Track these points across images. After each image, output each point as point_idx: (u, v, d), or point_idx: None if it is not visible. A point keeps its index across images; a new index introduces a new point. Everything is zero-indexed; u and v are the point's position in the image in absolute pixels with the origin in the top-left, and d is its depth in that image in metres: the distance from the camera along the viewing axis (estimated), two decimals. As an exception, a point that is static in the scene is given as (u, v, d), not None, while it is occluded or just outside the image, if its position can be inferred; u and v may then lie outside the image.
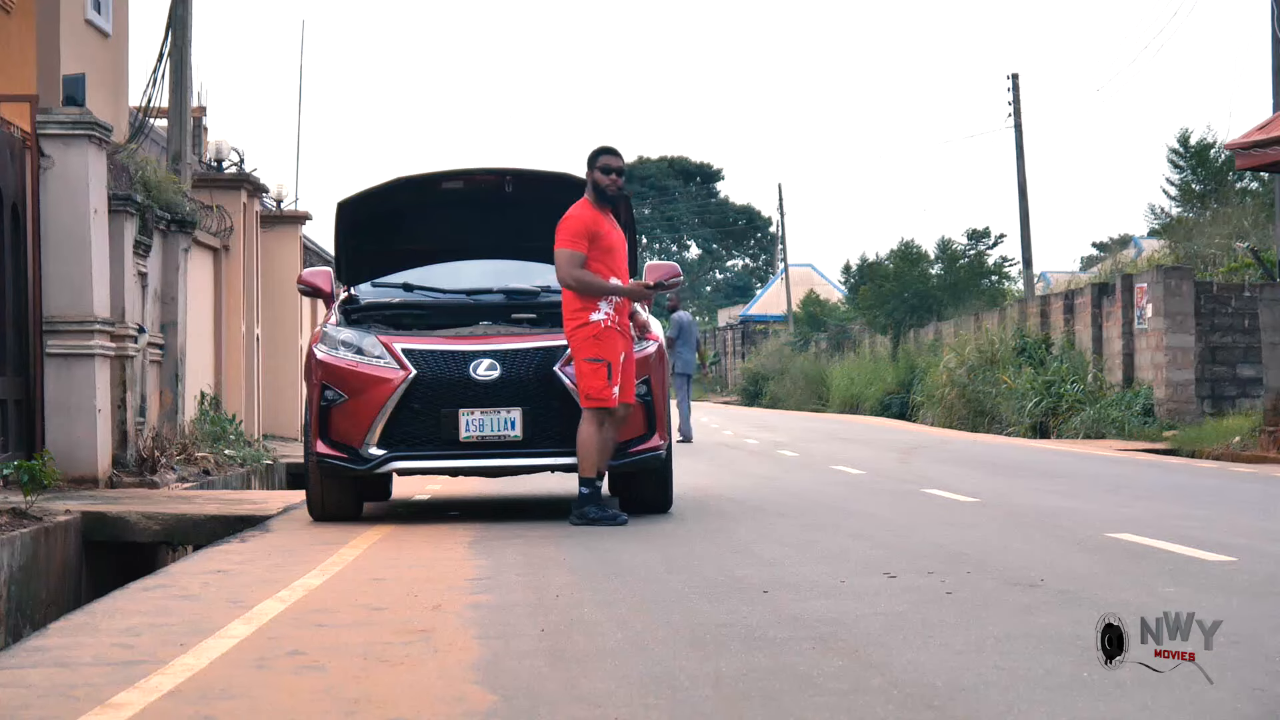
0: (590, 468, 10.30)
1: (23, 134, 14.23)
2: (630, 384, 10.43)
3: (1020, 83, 45.08)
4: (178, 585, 7.88)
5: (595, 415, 10.27)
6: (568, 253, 10.28)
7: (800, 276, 76.85)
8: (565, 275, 10.29)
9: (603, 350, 10.24)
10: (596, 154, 10.50)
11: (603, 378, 10.20)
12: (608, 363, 10.21)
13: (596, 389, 10.22)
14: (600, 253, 10.34)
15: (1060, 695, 4.76)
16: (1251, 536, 9.53)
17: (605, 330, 10.27)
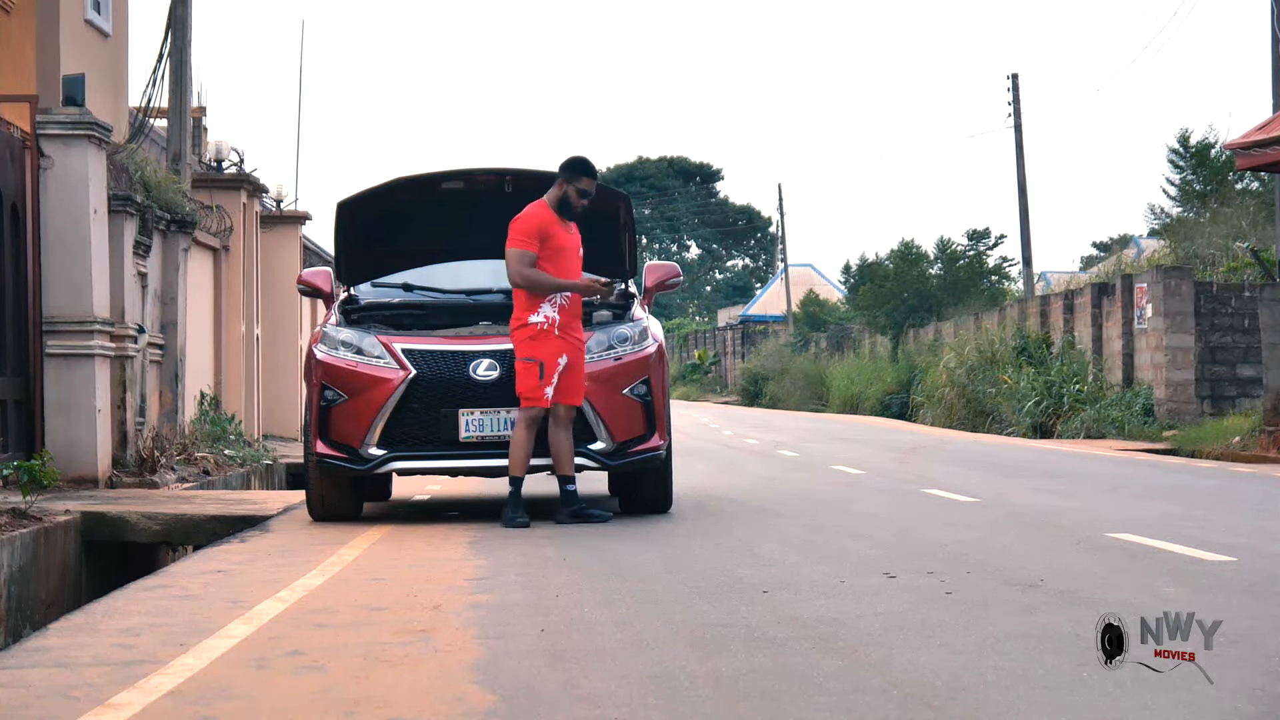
0: (517, 467, 10.31)
1: (23, 134, 14.23)
2: (576, 388, 10.37)
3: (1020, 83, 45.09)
4: (178, 585, 7.88)
5: (527, 415, 10.28)
6: (517, 252, 10.37)
7: (800, 276, 76.84)
8: (514, 274, 10.40)
9: (536, 351, 10.28)
10: (578, 171, 10.50)
11: (535, 377, 10.24)
12: (540, 363, 10.24)
13: (529, 388, 10.27)
14: (550, 253, 10.36)
15: (1060, 695, 4.76)
16: (1251, 536, 9.53)
17: (541, 332, 10.31)
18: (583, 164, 10.56)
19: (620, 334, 10.94)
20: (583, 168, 10.54)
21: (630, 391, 10.78)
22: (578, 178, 10.50)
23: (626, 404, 10.75)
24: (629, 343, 10.90)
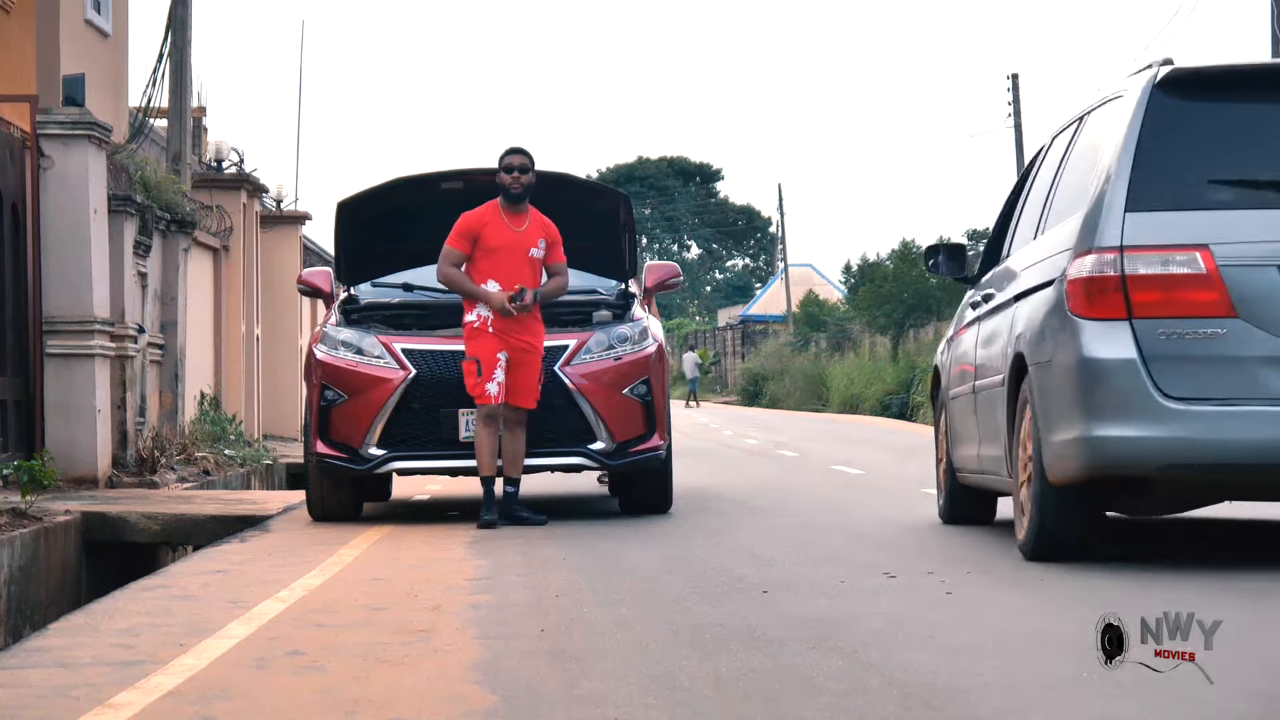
0: (482, 467, 10.30)
1: (23, 134, 14.23)
2: (525, 389, 10.29)
3: (1020, 83, 45.13)
4: (178, 585, 7.88)
5: (481, 414, 10.28)
6: (444, 249, 10.42)
7: (800, 276, 76.87)
8: (437, 271, 10.50)
9: (472, 348, 10.28)
10: (503, 154, 10.52)
11: (472, 375, 10.23)
12: (476, 360, 10.22)
13: (469, 386, 10.28)
14: (483, 253, 10.33)
15: (1060, 695, 4.76)
16: (1252, 536, 9.53)
17: (475, 331, 10.29)
18: (509, 148, 10.56)
19: (620, 334, 10.93)
20: (508, 149, 10.54)
21: (630, 391, 10.77)
22: (500, 161, 10.49)
23: (626, 404, 10.75)
24: (629, 343, 10.89)
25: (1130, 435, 7.24)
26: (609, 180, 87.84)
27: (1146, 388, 7.21)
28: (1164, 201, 7.32)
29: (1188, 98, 7.49)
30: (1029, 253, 8.44)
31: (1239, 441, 7.17)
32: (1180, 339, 7.22)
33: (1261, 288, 7.16)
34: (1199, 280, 7.19)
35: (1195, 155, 7.44)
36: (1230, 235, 7.22)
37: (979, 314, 9.29)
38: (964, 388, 9.53)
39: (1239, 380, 7.18)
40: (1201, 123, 7.49)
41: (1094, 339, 7.31)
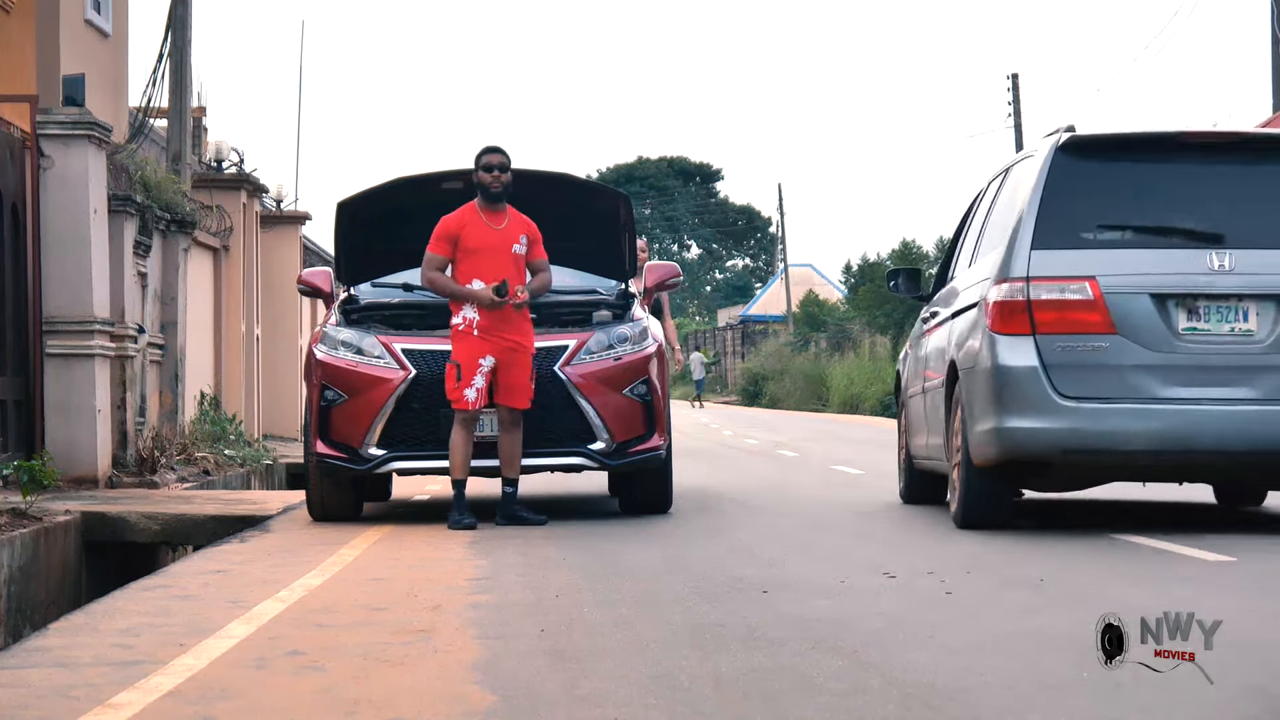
0: (456, 469, 10.28)
1: (23, 134, 14.23)
2: (517, 389, 10.27)
3: (1020, 83, 45.14)
4: (178, 585, 7.88)
5: (460, 418, 10.26)
6: (426, 255, 10.41)
7: (800, 276, 76.88)
8: (421, 276, 10.52)
9: (455, 352, 10.26)
10: (481, 153, 10.52)
11: (452, 379, 10.20)
12: (457, 364, 10.20)
13: (448, 389, 10.25)
14: (464, 254, 10.31)
15: (1060, 695, 4.76)
16: (1252, 536, 9.53)
17: (459, 334, 10.25)
18: (485, 147, 10.56)
19: (620, 334, 10.93)
20: (484, 149, 10.54)
21: (630, 391, 10.77)
22: (480, 158, 10.49)
23: (626, 404, 10.75)
24: (629, 343, 10.89)
25: (1033, 427, 9.07)
26: (609, 180, 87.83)
27: (1046, 389, 9.06)
28: (1062, 241, 9.17)
29: (1083, 158, 9.38)
30: (965, 277, 10.27)
31: (1118, 432, 9.02)
32: (1072, 350, 9.06)
33: (1136, 310, 9.04)
34: (1087, 304, 9.07)
35: (1087, 204, 9.33)
36: (1112, 269, 9.09)
37: (929, 327, 11.09)
38: (918, 388, 11.30)
39: (1118, 383, 9.03)
40: (1093, 178, 9.38)
41: (1006, 350, 9.15)
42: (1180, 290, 9.08)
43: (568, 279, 11.92)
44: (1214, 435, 9.01)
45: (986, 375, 9.24)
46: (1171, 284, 9.09)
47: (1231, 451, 9.07)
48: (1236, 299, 9.05)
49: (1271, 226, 9.21)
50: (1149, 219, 9.32)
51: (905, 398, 11.86)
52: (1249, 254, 9.08)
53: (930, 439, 10.77)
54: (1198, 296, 9.08)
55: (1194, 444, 9.04)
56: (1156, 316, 9.06)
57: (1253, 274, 9.04)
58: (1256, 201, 9.34)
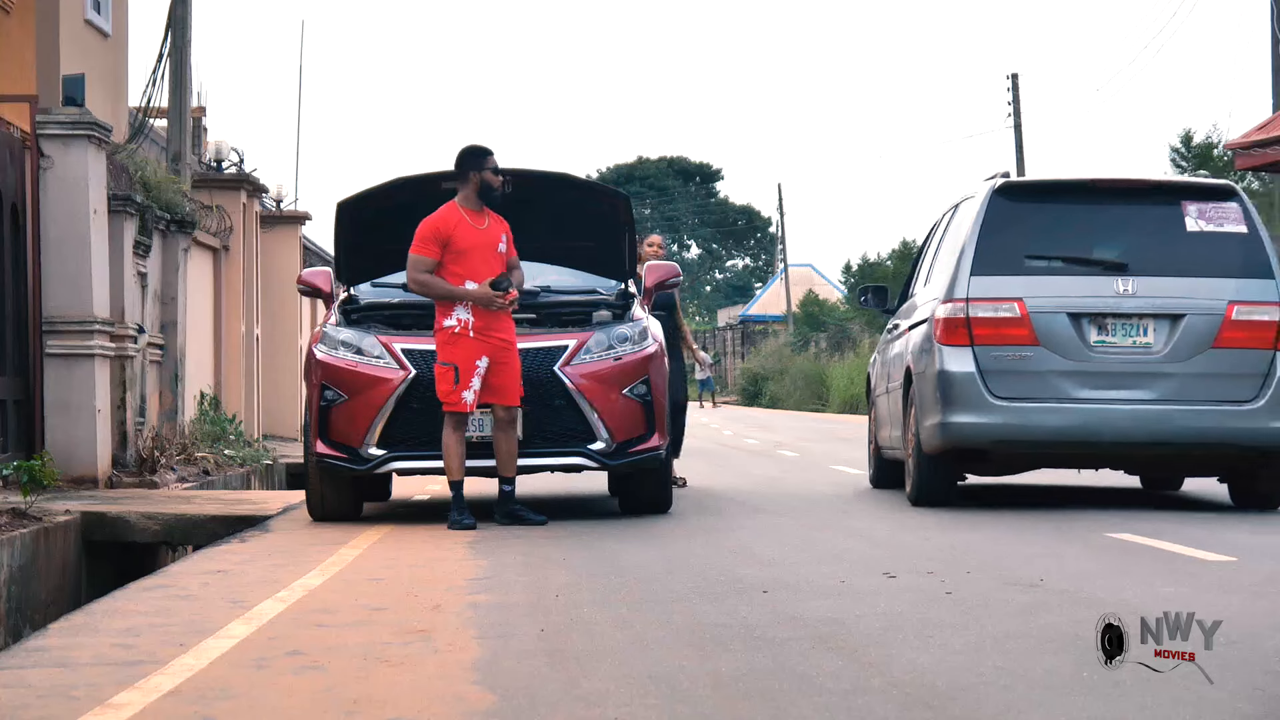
0: (453, 471, 10.25)
1: (23, 134, 14.23)
2: (509, 388, 10.27)
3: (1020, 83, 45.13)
4: (178, 585, 7.88)
5: (452, 419, 10.23)
6: (414, 257, 10.33)
7: (800, 276, 76.89)
8: (409, 279, 10.39)
9: (450, 354, 10.20)
10: (482, 154, 10.47)
11: (449, 381, 10.16)
12: (455, 367, 10.17)
13: (444, 392, 10.20)
14: (456, 255, 10.29)
15: (1060, 695, 4.76)
16: (1252, 536, 9.54)
17: (454, 337, 10.21)
18: (478, 149, 10.54)
19: (620, 334, 10.93)
20: (481, 151, 10.53)
21: (630, 391, 10.77)
22: (485, 159, 10.48)
23: (626, 404, 10.75)
24: (629, 343, 10.88)
25: (971, 421, 10.94)
26: (609, 180, 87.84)
27: (981, 390, 10.93)
28: (996, 269, 11.03)
29: (1015, 200, 11.29)
30: (921, 295, 12.09)
31: (1040, 427, 10.90)
32: (1003, 359, 10.92)
33: (1055, 326, 10.91)
34: (1016, 321, 10.94)
35: (1018, 238, 11.16)
36: (1037, 292, 10.96)
37: (892, 337, 12.93)
38: (883, 389, 13.11)
39: (1040, 386, 10.89)
40: (1023, 217, 11.25)
41: (949, 358, 11.03)
42: (1092, 310, 10.95)
43: (568, 279, 11.92)
44: (1118, 430, 10.89)
45: (934, 379, 11.11)
46: (1085, 305, 10.95)
47: (1133, 443, 10.99)
48: (1138, 317, 10.96)
49: (1166, 258, 11.11)
50: (1067, 251, 11.19)
51: (874, 397, 13.66)
52: (1148, 280, 11.01)
53: (893, 432, 12.55)
54: (1106, 315, 10.96)
55: (1102, 436, 10.92)
56: (1072, 331, 10.94)
57: (1151, 297, 10.96)
58: (1154, 236, 11.25)
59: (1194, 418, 10.85)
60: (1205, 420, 10.85)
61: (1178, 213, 11.21)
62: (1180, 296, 10.97)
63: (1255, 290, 10.94)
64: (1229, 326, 10.89)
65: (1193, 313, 10.93)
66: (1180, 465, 11.94)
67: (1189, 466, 11.96)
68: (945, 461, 11.39)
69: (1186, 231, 11.15)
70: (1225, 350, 10.89)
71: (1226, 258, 11.07)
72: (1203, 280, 11.01)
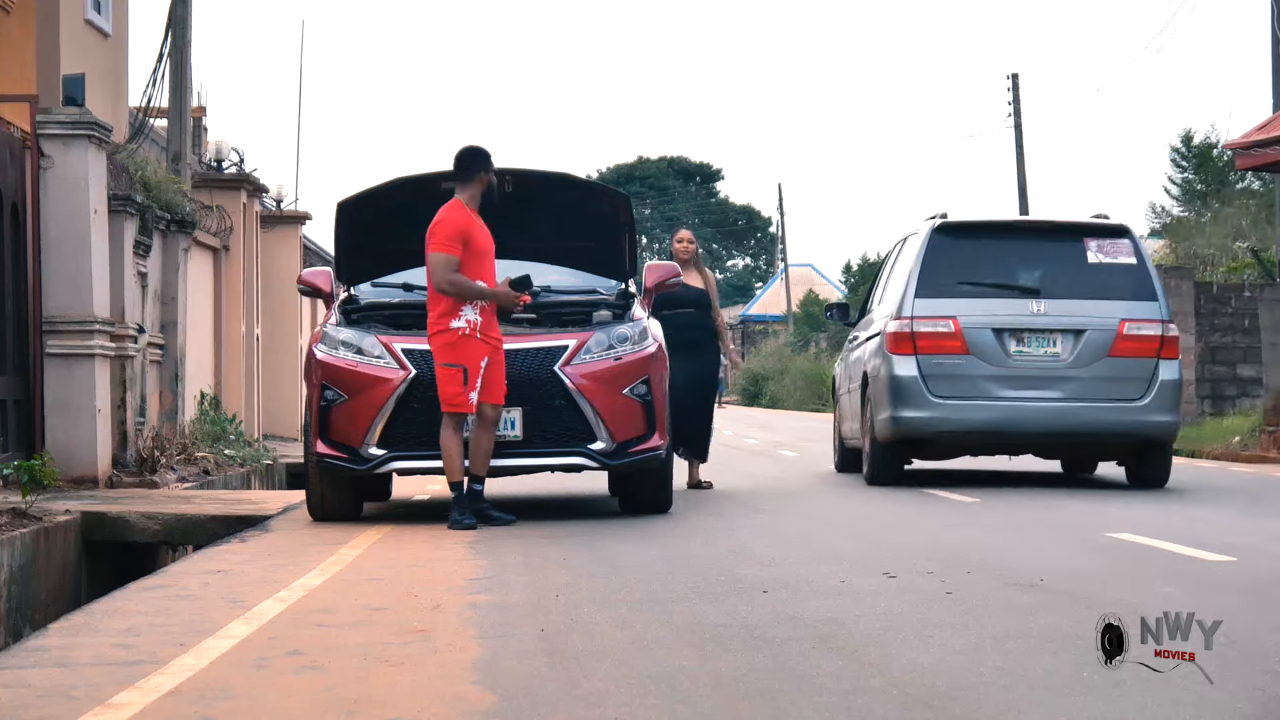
0: (454, 472, 10.24)
1: (23, 134, 14.23)
2: (498, 386, 10.28)
3: (1020, 83, 45.12)
4: (178, 585, 7.88)
5: (452, 420, 10.21)
6: (443, 257, 10.20)
7: (800, 276, 76.87)
8: (441, 280, 10.22)
9: (459, 356, 10.17)
10: (487, 157, 10.48)
11: (458, 383, 10.13)
12: (463, 368, 10.14)
13: (452, 394, 10.15)
14: (472, 256, 10.27)
15: (1060, 695, 4.76)
16: (1251, 536, 9.54)
17: (463, 338, 10.17)
18: (479, 150, 10.54)
19: (620, 334, 10.93)
20: (482, 152, 10.52)
21: (630, 391, 10.77)
22: (490, 162, 10.48)
23: (626, 404, 10.74)
24: (629, 343, 10.88)
25: (915, 416, 13.27)
26: (609, 180, 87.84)
27: (923, 391, 13.24)
28: (935, 293, 13.37)
29: (950, 235, 13.72)
30: (876, 312, 14.43)
31: (970, 420, 13.29)
32: (941, 365, 13.24)
33: (982, 339, 13.29)
34: (951, 335, 13.29)
35: (952, 267, 13.50)
36: (968, 312, 13.34)
37: (853, 346, 15.31)
38: (845, 389, 15.34)
39: (970, 387, 13.25)
40: (956, 250, 13.62)
41: (897, 365, 13.34)
42: (1011, 326, 13.32)
43: (568, 279, 11.92)
44: (1033, 423, 13.29)
45: (885, 381, 13.41)
46: (1006, 321, 13.32)
47: (1045, 434, 13.43)
48: (1048, 332, 13.30)
49: (1071, 284, 13.46)
50: (992, 278, 13.53)
51: (838, 396, 15.94)
52: (1056, 302, 13.37)
53: (853, 425, 14.90)
54: (1023, 330, 13.32)
55: (1019, 428, 13.33)
56: (996, 343, 13.30)
57: (1059, 315, 13.31)
58: (1062, 266, 13.57)
59: (1094, 413, 13.23)
60: (1102, 415, 13.24)
61: (1081, 248, 13.58)
62: (1082, 315, 13.31)
63: (1142, 310, 13.32)
64: (1121, 339, 13.27)
65: (1092, 328, 13.27)
66: (1084, 452, 14.40)
67: (1091, 453, 14.42)
68: (895, 449, 13.73)
69: (1088, 263, 13.53)
70: (1118, 358, 13.25)
71: (1119, 284, 13.40)
72: (1100, 302, 13.34)
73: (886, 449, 13.68)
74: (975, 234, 14.00)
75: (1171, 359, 13.41)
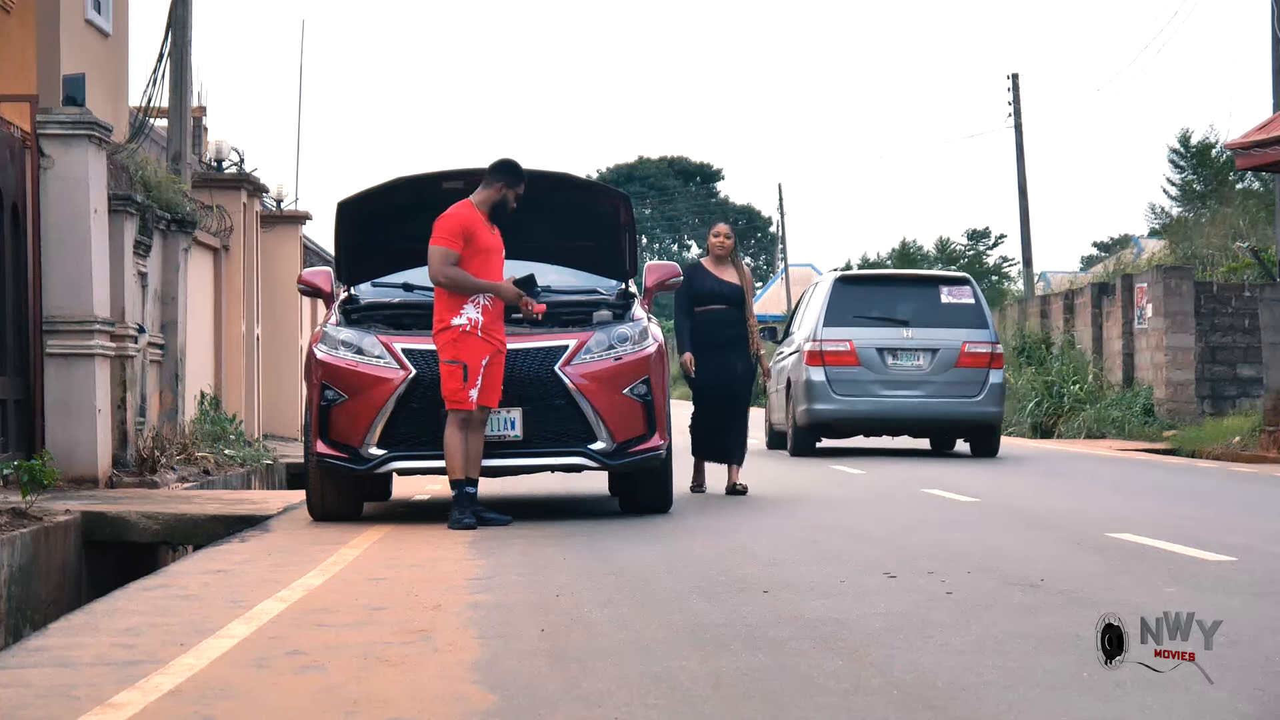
0: (456, 470, 10.24)
1: (23, 134, 14.23)
2: (494, 389, 10.28)
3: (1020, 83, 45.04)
4: (178, 585, 7.88)
5: (453, 418, 10.21)
6: (441, 250, 10.22)
7: (800, 276, 76.84)
8: (436, 272, 10.24)
9: (460, 353, 10.16)
10: (519, 176, 10.47)
11: (458, 379, 10.13)
12: (464, 365, 10.14)
13: (452, 390, 10.15)
14: (474, 253, 10.26)
15: (1060, 695, 4.76)
16: (1251, 536, 9.54)
17: (464, 334, 10.16)
18: (520, 169, 10.54)
19: (620, 334, 10.93)
20: (519, 170, 10.53)
21: (630, 391, 10.77)
22: (518, 183, 10.48)
23: (627, 404, 10.75)
24: (629, 342, 10.89)
25: (823, 408, 18.80)
26: (609, 180, 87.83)
27: (829, 391, 18.70)
28: (838, 323, 18.97)
29: (848, 284, 19.73)
30: (796, 335, 19.99)
31: (860, 412, 18.79)
32: (841, 373, 18.66)
33: (869, 355, 18.74)
34: (848, 352, 18.79)
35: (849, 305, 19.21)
36: (859, 337, 18.83)
37: (781, 358, 20.70)
38: (774, 389, 20.78)
39: (860, 390, 18.70)
40: (852, 294, 19.34)
41: (811, 373, 18.82)
42: (889, 346, 18.95)
43: (568, 279, 11.92)
44: (904, 413, 18.97)
45: (803, 384, 18.96)
46: (886, 343, 18.95)
47: (912, 420, 19.15)
48: (914, 350, 18.92)
49: (930, 317, 18.97)
50: (877, 312, 19.18)
51: (769, 393, 21.14)
52: (920, 330, 18.90)
53: (779, 415, 20.63)
54: (897, 349, 18.95)
55: (895, 417, 19.07)
56: (878, 358, 18.90)
57: (921, 339, 18.91)
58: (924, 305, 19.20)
59: (945, 406, 18.86)
60: (951, 408, 18.88)
61: (937, 292, 19.29)
62: (937, 339, 18.86)
63: (978, 335, 18.93)
64: (963, 355, 18.83)
65: (944, 348, 18.85)
66: (940, 433, 19.82)
67: (945, 433, 19.87)
68: (810, 431, 19.38)
69: (941, 302, 19.10)
70: (961, 368, 18.80)
71: (962, 317, 19.00)
72: (949, 330, 18.88)
73: (804, 431, 19.34)
74: (865, 282, 20.39)
75: (998, 369, 18.96)
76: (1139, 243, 54.62)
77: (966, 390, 18.69)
